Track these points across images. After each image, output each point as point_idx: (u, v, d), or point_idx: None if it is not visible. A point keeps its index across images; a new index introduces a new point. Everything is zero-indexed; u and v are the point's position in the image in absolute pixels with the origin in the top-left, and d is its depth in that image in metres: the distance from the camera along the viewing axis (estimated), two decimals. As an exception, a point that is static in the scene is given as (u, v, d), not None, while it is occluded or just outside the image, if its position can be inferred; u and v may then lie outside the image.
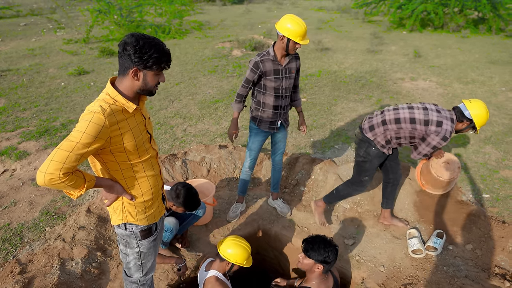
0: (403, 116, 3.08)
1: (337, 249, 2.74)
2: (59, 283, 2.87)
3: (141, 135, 1.98)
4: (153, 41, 1.79)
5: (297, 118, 6.23)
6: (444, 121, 2.95)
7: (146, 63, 1.79)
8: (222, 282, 2.90)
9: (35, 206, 4.08)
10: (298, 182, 4.28)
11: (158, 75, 1.89)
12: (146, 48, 1.76)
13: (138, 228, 2.12)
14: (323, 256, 2.66)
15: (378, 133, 3.17)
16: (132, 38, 1.76)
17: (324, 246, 2.68)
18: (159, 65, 1.84)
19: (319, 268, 2.71)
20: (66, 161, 1.65)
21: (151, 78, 1.87)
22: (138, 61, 1.78)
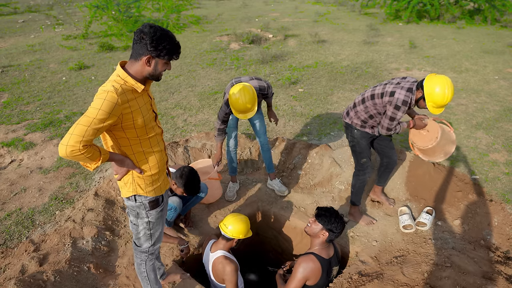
0: (367, 95, 3.25)
1: (345, 224, 3.00)
2: (72, 258, 3.07)
3: (148, 113, 2.18)
4: (168, 34, 2.01)
5: (295, 108, 6.41)
6: (397, 90, 2.96)
7: (160, 52, 2.00)
8: (231, 259, 3.12)
9: (44, 192, 4.26)
10: (295, 166, 4.47)
11: (167, 64, 2.11)
12: (162, 39, 1.98)
13: (147, 199, 2.31)
14: (331, 224, 2.92)
15: (353, 115, 3.36)
16: (151, 29, 1.96)
17: (335, 217, 2.96)
18: (171, 56, 2.06)
19: (324, 235, 2.94)
20: (84, 134, 1.85)
21: (161, 66, 2.09)
22: (153, 50, 1.98)
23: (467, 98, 6.74)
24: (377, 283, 2.92)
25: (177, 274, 3.12)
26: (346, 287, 2.98)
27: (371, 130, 3.35)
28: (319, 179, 4.22)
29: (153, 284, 2.65)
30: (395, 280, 2.94)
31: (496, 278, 2.87)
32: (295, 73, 8.19)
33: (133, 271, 3.14)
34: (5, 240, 3.57)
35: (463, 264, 3.02)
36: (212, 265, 3.15)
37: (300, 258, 3.02)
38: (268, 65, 8.81)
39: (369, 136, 3.39)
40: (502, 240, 3.35)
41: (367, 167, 3.51)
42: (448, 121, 5.87)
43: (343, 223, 2.98)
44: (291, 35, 11.72)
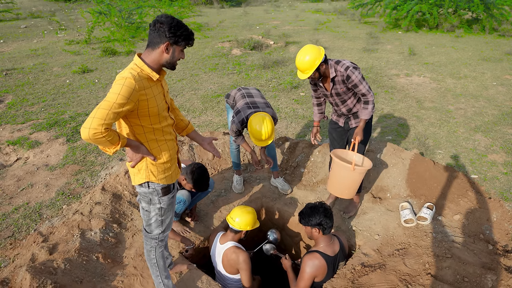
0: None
1: (327, 210, 3.00)
2: (81, 248, 3.13)
3: (161, 103, 2.28)
4: (182, 22, 2.15)
5: (296, 110, 6.52)
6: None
7: (177, 38, 2.12)
8: (242, 249, 3.24)
9: (50, 188, 4.33)
10: (298, 164, 4.56)
11: (182, 52, 2.23)
12: (179, 26, 2.11)
13: (159, 186, 2.39)
14: (312, 220, 2.96)
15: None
16: (167, 18, 2.10)
17: (311, 211, 2.98)
18: (187, 42, 2.19)
19: (317, 231, 2.99)
20: (106, 118, 1.94)
21: (178, 53, 2.21)
22: (171, 36, 2.10)
23: (466, 103, 6.86)
24: (380, 273, 2.99)
25: (184, 265, 3.18)
26: (350, 277, 3.05)
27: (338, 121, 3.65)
28: (322, 177, 4.30)
29: (162, 271, 2.72)
30: (397, 270, 3.01)
31: (496, 268, 2.95)
32: (296, 78, 8.31)
33: (141, 262, 3.20)
34: (13, 232, 3.63)
35: (463, 255, 3.09)
36: (223, 256, 3.23)
37: (305, 256, 3.09)
38: (270, 70, 8.95)
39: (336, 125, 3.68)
40: (501, 235, 3.42)
41: None
42: (447, 124, 5.98)
43: (324, 211, 2.96)
44: (292, 42, 11.89)
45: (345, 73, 3.15)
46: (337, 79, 3.21)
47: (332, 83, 3.25)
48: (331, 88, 3.29)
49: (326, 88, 3.35)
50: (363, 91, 3.21)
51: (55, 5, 21.35)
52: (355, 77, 3.15)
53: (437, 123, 5.99)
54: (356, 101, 3.37)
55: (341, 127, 3.61)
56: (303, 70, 3.10)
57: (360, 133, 3.33)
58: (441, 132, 5.68)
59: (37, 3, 22.42)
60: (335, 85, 3.26)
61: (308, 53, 3.04)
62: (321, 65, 3.11)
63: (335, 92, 3.31)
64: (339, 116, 3.56)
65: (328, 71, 3.19)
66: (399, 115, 6.37)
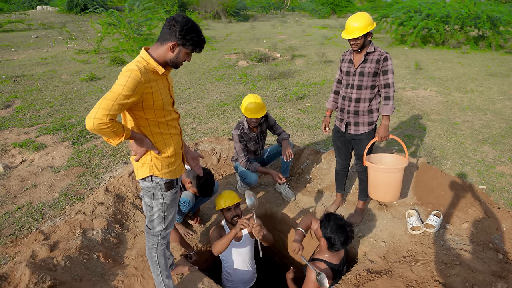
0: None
1: (348, 236, 2.80)
2: (82, 246, 3.09)
3: (167, 96, 2.27)
4: (197, 27, 2.15)
5: (302, 120, 6.50)
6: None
7: (186, 42, 2.13)
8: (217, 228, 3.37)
9: (54, 189, 4.31)
10: (303, 171, 4.52)
11: (188, 54, 2.23)
12: (191, 30, 2.11)
13: (163, 180, 2.36)
14: (329, 234, 2.80)
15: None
16: (183, 19, 2.10)
17: (336, 228, 2.78)
18: (195, 48, 2.20)
19: (324, 243, 2.90)
20: (111, 109, 1.93)
21: (183, 55, 2.21)
22: (180, 38, 2.11)
23: (473, 116, 6.82)
24: (386, 279, 2.91)
25: (185, 266, 3.12)
26: (355, 283, 2.97)
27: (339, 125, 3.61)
28: (327, 183, 4.25)
29: (163, 270, 2.66)
30: (404, 277, 2.93)
31: (507, 277, 2.86)
32: (302, 89, 8.33)
33: (142, 263, 3.15)
34: (15, 230, 3.60)
35: (472, 263, 3.01)
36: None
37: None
38: (276, 81, 8.98)
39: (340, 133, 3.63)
40: (511, 245, 3.34)
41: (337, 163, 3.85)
42: (454, 136, 5.93)
43: (345, 236, 2.78)
44: (298, 55, 11.97)
45: (385, 54, 3.20)
46: (372, 56, 3.21)
47: (364, 59, 3.23)
48: (359, 65, 3.26)
49: (354, 63, 3.31)
50: (390, 81, 3.22)
51: (66, 17, 21.74)
52: (390, 64, 3.21)
53: (444, 135, 5.94)
54: (370, 99, 3.32)
55: (343, 135, 3.56)
56: (353, 30, 3.10)
57: (383, 131, 3.28)
58: (448, 144, 5.63)
59: (49, 15, 22.84)
60: (366, 62, 3.23)
61: (364, 17, 3.09)
62: (369, 34, 3.16)
63: (361, 71, 3.26)
64: (341, 119, 3.52)
65: (369, 45, 3.22)
66: (405, 127, 6.33)
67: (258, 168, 3.94)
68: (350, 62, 3.35)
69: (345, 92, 3.42)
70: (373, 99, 3.36)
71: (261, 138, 4.14)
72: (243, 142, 3.94)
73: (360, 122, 3.42)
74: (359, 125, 3.42)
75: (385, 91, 3.27)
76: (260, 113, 3.78)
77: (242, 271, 3.45)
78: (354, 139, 3.51)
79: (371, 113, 3.39)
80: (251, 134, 4.00)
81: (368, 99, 3.33)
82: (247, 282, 3.54)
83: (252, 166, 3.92)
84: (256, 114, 3.77)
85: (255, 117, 3.78)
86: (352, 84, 3.34)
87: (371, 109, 3.37)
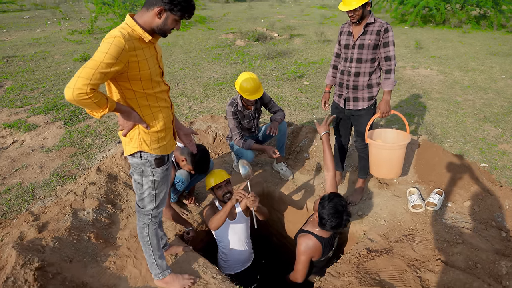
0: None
1: (340, 224, 2.68)
2: (72, 227, 2.98)
3: (154, 66, 2.12)
4: None
5: (300, 99, 6.36)
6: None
7: (173, 7, 1.95)
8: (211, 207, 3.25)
9: (45, 169, 4.19)
10: (301, 149, 4.40)
11: (177, 22, 2.05)
12: None
13: (152, 156, 2.23)
14: (324, 214, 2.70)
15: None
16: None
17: (333, 211, 2.67)
18: (183, 13, 2.02)
19: (317, 218, 2.81)
20: (92, 78, 1.78)
21: (171, 22, 2.03)
22: (167, 3, 1.93)
23: (474, 95, 6.68)
24: (387, 258, 2.82)
25: (179, 247, 3.03)
26: (354, 262, 2.89)
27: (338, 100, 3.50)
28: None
29: (155, 250, 2.56)
30: (405, 255, 2.85)
31: (510, 255, 2.78)
32: (300, 68, 8.15)
33: (134, 243, 3.05)
34: (4, 212, 3.49)
35: (474, 241, 2.92)
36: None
37: (299, 238, 2.95)
38: (274, 61, 8.79)
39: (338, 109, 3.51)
40: (514, 223, 3.25)
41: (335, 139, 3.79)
42: (455, 115, 5.80)
43: (338, 220, 2.66)
44: (296, 35, 11.72)
45: (386, 25, 3.03)
46: (372, 28, 3.04)
47: (364, 31, 3.06)
48: (358, 37, 3.09)
49: (353, 35, 3.14)
50: (391, 53, 3.07)
51: (59, -2, 21.27)
52: (391, 35, 3.05)
53: (445, 113, 5.82)
54: (370, 73, 3.17)
55: (342, 111, 3.42)
56: (350, 1, 2.95)
57: (385, 107, 3.15)
58: (449, 122, 5.50)
59: (42, -4, 22.34)
60: (365, 34, 3.06)
61: None
62: (368, 4, 3.00)
63: (360, 43, 3.09)
64: (340, 94, 3.38)
65: (368, 15, 3.06)
66: (406, 105, 6.20)
67: (253, 145, 3.81)
68: (349, 34, 3.18)
69: (344, 66, 3.27)
70: (373, 73, 3.21)
71: (256, 116, 4.00)
72: (237, 120, 3.81)
73: (359, 97, 3.28)
74: (359, 100, 3.29)
75: (386, 64, 3.13)
76: (258, 93, 3.63)
77: (239, 251, 3.36)
78: (353, 115, 3.38)
79: (371, 87, 3.24)
80: (245, 112, 3.86)
81: (367, 73, 3.19)
82: (244, 262, 3.45)
83: (246, 143, 3.80)
84: (254, 95, 3.62)
85: (253, 98, 3.63)
86: (351, 57, 3.19)
87: (371, 83, 3.23)
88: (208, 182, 3.19)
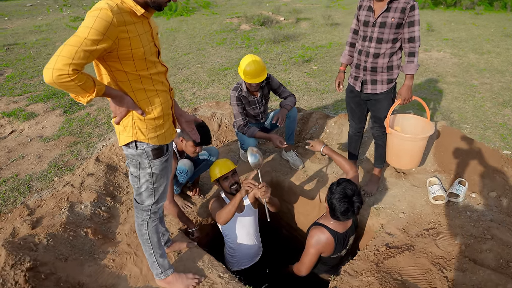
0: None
1: (348, 209, 2.43)
2: (68, 222, 2.78)
3: (149, 44, 1.86)
4: None
5: (309, 83, 6.08)
6: None
7: None
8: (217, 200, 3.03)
9: (43, 159, 3.99)
10: (312, 136, 4.15)
11: None
12: None
13: (150, 146, 2.01)
14: (332, 199, 2.48)
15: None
16: None
17: (341, 196, 2.44)
18: None
19: (326, 207, 2.58)
20: (74, 56, 1.53)
21: None
22: None
23: (491, 78, 6.35)
24: (409, 255, 2.59)
25: (183, 243, 2.82)
26: (373, 259, 2.66)
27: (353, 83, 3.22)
28: (338, 150, 3.89)
29: (155, 249, 2.35)
30: (428, 252, 2.61)
31: (545, 251, 2.54)
32: (308, 52, 7.83)
33: (135, 239, 2.85)
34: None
35: (505, 237, 2.67)
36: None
37: (311, 230, 2.71)
38: (280, 45, 8.47)
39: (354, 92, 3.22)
40: (544, 215, 3.00)
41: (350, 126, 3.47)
42: (473, 99, 5.50)
43: (348, 205, 2.42)
44: (303, 18, 11.35)
45: (412, 2, 2.70)
46: (397, 4, 2.72)
47: (387, 7, 2.75)
48: (380, 14, 2.78)
49: (375, 12, 2.83)
50: (416, 34, 2.76)
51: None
52: (417, 14, 2.74)
53: (462, 98, 5.51)
54: (390, 54, 2.88)
55: (358, 95, 3.15)
56: None
57: (406, 93, 2.89)
58: (467, 107, 5.21)
59: (43, -18, 22.00)
60: (388, 11, 2.75)
61: None
62: None
63: (382, 21, 2.79)
64: (356, 76, 3.10)
65: None
66: (420, 89, 5.90)
67: (257, 133, 3.55)
68: (369, 10, 2.87)
69: (362, 45, 2.98)
70: (394, 54, 2.92)
71: (263, 103, 3.74)
72: (241, 105, 3.55)
73: (378, 80, 3.00)
74: (377, 84, 3.01)
75: (410, 46, 2.83)
76: (261, 76, 3.35)
77: (247, 246, 3.14)
78: (370, 99, 3.11)
79: (391, 69, 2.96)
80: (251, 98, 3.60)
81: (388, 54, 2.90)
82: (252, 257, 3.25)
83: (249, 130, 3.54)
84: (256, 78, 3.34)
85: (255, 82, 3.36)
86: (371, 36, 2.89)
87: (391, 65, 2.95)
88: (213, 173, 2.96)
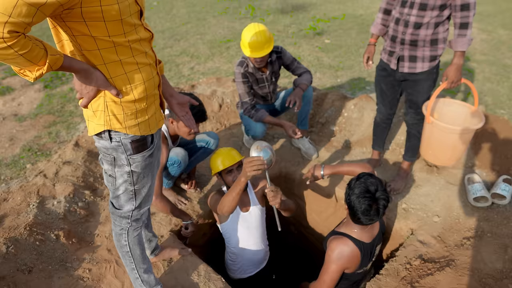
0: None
1: (370, 207, 1.93)
2: (35, 223, 2.29)
3: (127, 1, 1.29)
4: None
5: (321, 59, 5.49)
6: None
7: None
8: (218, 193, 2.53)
9: (16, 142, 3.47)
10: (327, 120, 3.61)
11: None
12: None
13: (128, 137, 1.48)
14: (350, 198, 1.99)
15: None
16: None
17: (361, 191, 1.95)
18: None
19: (346, 209, 2.07)
20: (12, 12, 1.00)
21: None
22: None
23: (525, 56, 5.74)
24: (450, 273, 2.11)
25: (174, 249, 2.33)
26: (405, 275, 2.18)
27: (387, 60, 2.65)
28: (358, 137, 3.36)
29: (138, 263, 1.86)
30: (474, 269, 2.13)
31: None
32: (319, 24, 7.16)
33: (118, 243, 2.36)
34: (-41, 197, 2.80)
35: None
36: None
37: (331, 241, 2.16)
38: (288, 15, 7.80)
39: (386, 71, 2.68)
40: None
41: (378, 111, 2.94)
42: (508, 80, 4.91)
43: (370, 202, 1.92)
44: (312, -13, 10.58)
45: None
46: None
47: None
48: None
49: None
50: (471, 0, 2.19)
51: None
52: None
53: (495, 78, 4.92)
54: (436, 24, 2.31)
55: (392, 74, 2.59)
56: None
57: (455, 74, 2.37)
58: (501, 89, 4.63)
59: None
60: None
61: None
62: None
63: None
64: (392, 52, 2.53)
65: None
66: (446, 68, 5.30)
67: (266, 118, 3.03)
68: None
69: (400, 12, 2.39)
70: (440, 24, 2.34)
71: (273, 81, 3.19)
72: (248, 84, 3.02)
73: (418, 57, 2.44)
74: (417, 61, 2.45)
75: (462, 15, 2.24)
76: (265, 49, 2.82)
77: (252, 251, 2.64)
78: (407, 79, 2.56)
79: (435, 44, 2.39)
80: (258, 75, 3.06)
81: (432, 24, 2.31)
82: (258, 263, 2.75)
83: (257, 114, 3.02)
84: (259, 51, 2.81)
85: (258, 56, 2.82)
86: (412, 1, 2.31)
87: (436, 38, 2.37)
88: (214, 165, 2.43)
